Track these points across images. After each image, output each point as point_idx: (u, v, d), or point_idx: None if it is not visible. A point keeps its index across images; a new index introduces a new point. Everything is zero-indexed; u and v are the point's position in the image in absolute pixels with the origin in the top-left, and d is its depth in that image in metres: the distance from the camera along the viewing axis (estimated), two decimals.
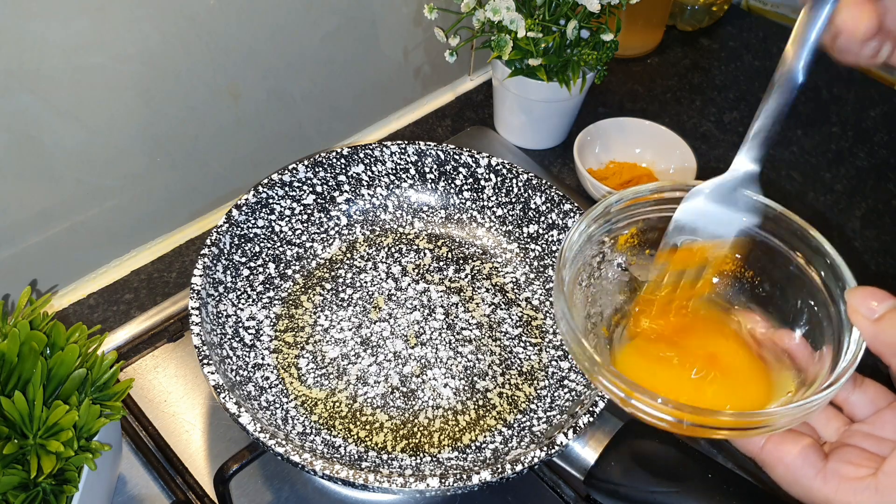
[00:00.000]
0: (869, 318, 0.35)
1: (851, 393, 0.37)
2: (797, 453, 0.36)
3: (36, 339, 0.41)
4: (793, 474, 0.36)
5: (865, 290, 0.36)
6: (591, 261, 0.44)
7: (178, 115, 0.61)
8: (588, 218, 0.42)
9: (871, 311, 0.35)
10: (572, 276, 0.42)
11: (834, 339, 0.38)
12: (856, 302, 0.36)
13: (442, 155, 0.62)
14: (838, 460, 0.35)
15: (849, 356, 0.36)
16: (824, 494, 0.34)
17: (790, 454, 0.36)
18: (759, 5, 0.99)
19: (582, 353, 0.38)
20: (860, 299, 0.36)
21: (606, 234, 0.44)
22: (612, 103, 0.84)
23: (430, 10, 0.66)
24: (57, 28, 0.50)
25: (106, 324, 0.61)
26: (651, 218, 0.44)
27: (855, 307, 0.36)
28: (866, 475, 0.34)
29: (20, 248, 0.58)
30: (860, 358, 0.36)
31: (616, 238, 0.45)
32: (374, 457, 0.50)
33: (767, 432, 0.35)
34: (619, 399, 0.36)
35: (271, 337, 0.55)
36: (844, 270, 0.39)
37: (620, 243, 0.45)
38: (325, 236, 0.61)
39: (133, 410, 0.54)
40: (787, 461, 0.36)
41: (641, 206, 0.44)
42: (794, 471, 0.35)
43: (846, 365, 0.36)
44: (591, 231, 0.43)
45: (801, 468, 0.35)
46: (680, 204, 0.42)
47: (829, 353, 0.38)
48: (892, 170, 0.78)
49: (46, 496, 0.39)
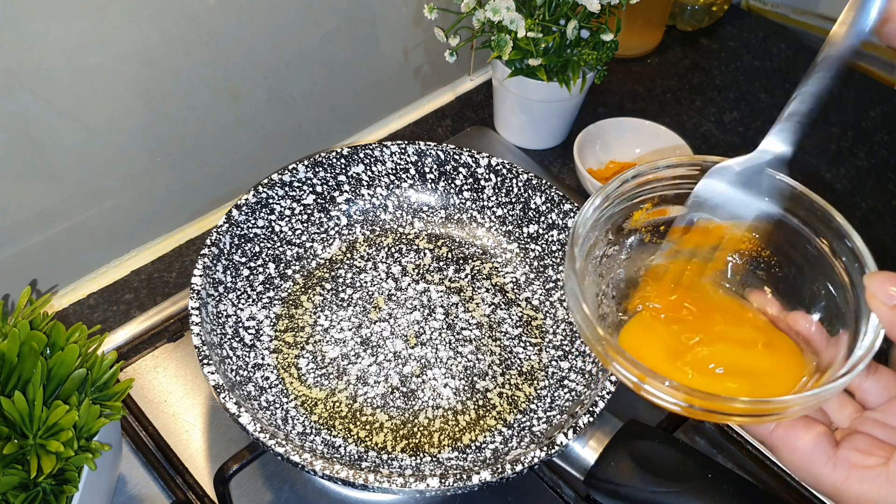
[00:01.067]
0: (888, 303, 0.34)
1: (865, 379, 0.37)
2: (808, 440, 0.35)
3: (36, 339, 0.41)
4: (802, 461, 0.35)
5: (885, 275, 0.35)
6: (604, 237, 0.43)
7: (178, 115, 0.61)
8: (603, 193, 0.41)
9: (890, 296, 0.34)
10: (584, 253, 0.41)
11: (851, 325, 0.37)
12: (875, 286, 0.35)
13: (442, 155, 0.62)
14: (849, 448, 0.35)
15: (866, 343, 0.35)
16: (832, 482, 0.34)
17: (801, 440, 0.35)
18: (759, 5, 0.99)
19: (592, 334, 0.37)
20: (879, 284, 0.35)
21: (621, 210, 0.43)
22: (612, 103, 0.84)
23: (430, 10, 0.66)
24: (57, 28, 0.50)
25: (106, 324, 0.61)
26: (667, 194, 0.43)
27: (874, 292, 0.35)
28: (876, 464, 0.33)
29: (20, 248, 0.58)
30: (878, 345, 0.35)
31: (631, 214, 0.43)
32: (374, 457, 0.50)
33: (780, 419, 0.35)
34: (631, 383, 0.36)
35: (271, 337, 0.55)
36: (866, 254, 0.37)
37: (635, 219, 0.44)
38: (325, 236, 0.61)
39: (133, 410, 0.54)
40: (797, 448, 0.35)
41: (658, 182, 0.43)
42: (804, 457, 0.35)
43: (863, 353, 0.35)
44: (606, 207, 0.42)
45: (812, 455, 0.35)
46: (701, 179, 0.40)
47: (845, 338, 0.37)
48: (892, 170, 0.78)
49: (46, 496, 0.39)
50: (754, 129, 0.81)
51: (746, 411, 0.34)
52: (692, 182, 0.42)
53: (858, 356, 0.35)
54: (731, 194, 0.41)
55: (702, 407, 0.34)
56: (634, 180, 0.42)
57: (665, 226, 0.44)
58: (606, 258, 0.44)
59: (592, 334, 0.37)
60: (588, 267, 0.42)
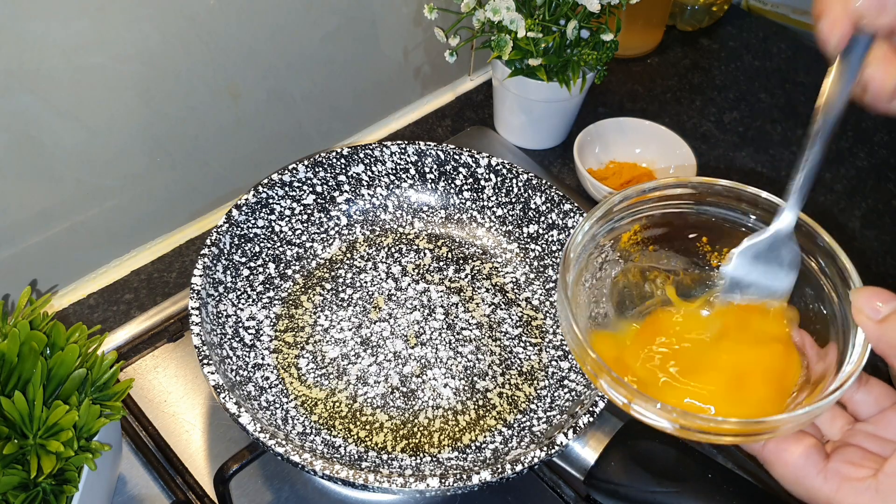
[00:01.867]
0: (873, 318, 0.35)
1: (856, 392, 0.37)
2: (799, 453, 0.35)
3: (36, 339, 0.41)
4: (794, 473, 0.35)
5: (870, 291, 0.36)
6: (594, 261, 0.44)
7: (178, 115, 0.61)
8: (591, 219, 0.42)
9: (876, 311, 0.35)
10: (575, 277, 0.42)
11: (839, 339, 0.38)
12: (860, 302, 0.36)
13: (442, 155, 0.62)
14: (840, 460, 0.35)
15: (854, 358, 0.36)
16: (825, 494, 0.34)
17: (792, 454, 0.36)
18: (759, 5, 0.99)
19: (585, 356, 0.37)
20: (865, 299, 0.35)
21: (609, 232, 0.44)
22: (612, 103, 0.84)
23: (430, 10, 0.66)
24: (57, 28, 0.50)
25: (106, 324, 0.61)
26: (654, 215, 0.44)
27: (859, 307, 0.36)
28: (867, 476, 0.34)
29: (20, 248, 0.58)
30: (866, 360, 0.35)
31: (619, 237, 0.45)
32: (374, 457, 0.50)
33: (773, 437, 0.35)
34: (620, 404, 0.36)
35: (271, 337, 0.55)
36: (851, 271, 0.38)
37: (623, 241, 0.45)
38: (325, 236, 0.61)
39: (133, 410, 0.54)
40: (789, 460, 0.36)
41: (644, 203, 0.44)
42: (796, 470, 0.35)
43: (851, 368, 0.35)
44: (594, 231, 0.43)
45: (803, 468, 0.35)
46: (731, 260, 0.41)
47: (834, 352, 0.38)
48: (892, 170, 0.78)
49: (46, 496, 0.39)
50: (754, 129, 0.81)
51: (739, 431, 0.35)
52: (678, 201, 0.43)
53: (847, 371, 0.36)
54: (760, 271, 0.41)
55: (693, 428, 0.35)
56: (621, 203, 0.43)
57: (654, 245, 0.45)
58: (598, 281, 0.45)
59: (587, 357, 0.38)
60: (579, 291, 0.43)
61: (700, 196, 0.44)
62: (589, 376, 0.38)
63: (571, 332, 0.38)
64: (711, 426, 0.35)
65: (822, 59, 0.39)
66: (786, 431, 0.35)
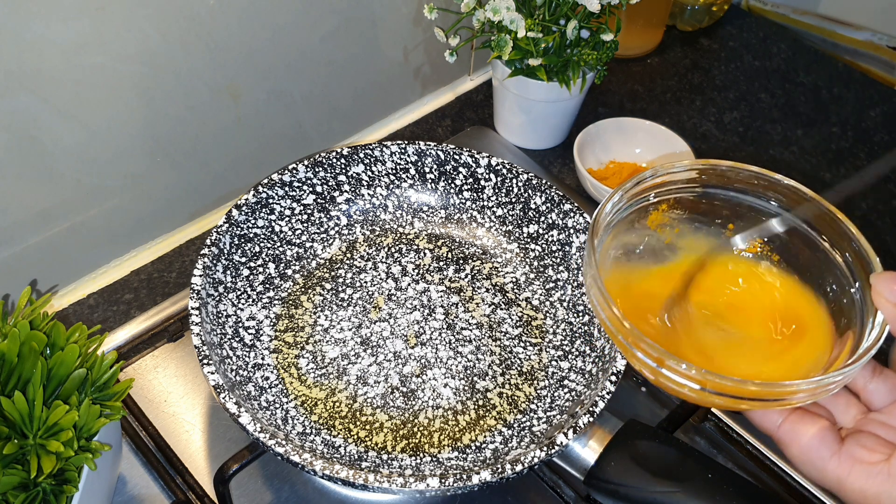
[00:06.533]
0: (893, 301, 0.36)
1: (870, 381, 0.38)
2: (814, 433, 0.36)
3: (36, 339, 0.41)
4: (808, 454, 0.36)
5: (891, 275, 0.37)
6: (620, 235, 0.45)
7: (178, 115, 0.61)
8: (621, 190, 0.44)
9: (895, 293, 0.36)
10: (604, 246, 0.43)
11: (857, 323, 0.39)
12: (881, 285, 0.37)
13: (442, 155, 0.62)
14: (854, 444, 0.36)
15: (871, 338, 0.37)
16: (837, 475, 0.35)
17: (807, 434, 0.36)
18: (759, 5, 0.99)
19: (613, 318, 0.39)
20: (885, 283, 0.36)
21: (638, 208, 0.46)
22: (612, 103, 0.84)
23: (430, 10, 0.66)
24: (57, 28, 0.50)
25: (106, 324, 0.61)
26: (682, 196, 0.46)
27: (879, 290, 0.36)
28: (879, 460, 0.34)
29: (20, 248, 0.58)
30: (882, 341, 0.36)
31: (648, 212, 0.46)
32: (374, 457, 0.50)
33: (787, 405, 0.36)
34: (649, 369, 0.38)
35: (271, 337, 0.55)
36: (871, 254, 0.39)
37: (651, 218, 0.46)
38: (325, 236, 0.61)
39: (133, 410, 0.54)
40: (803, 441, 0.36)
41: (675, 183, 0.45)
42: (810, 451, 0.36)
43: (868, 345, 0.36)
44: (624, 204, 0.44)
45: (817, 448, 0.36)
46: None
47: (851, 336, 0.39)
48: (893, 170, 0.78)
49: (46, 496, 0.39)
50: (754, 129, 0.81)
51: (756, 394, 0.35)
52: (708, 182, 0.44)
53: (864, 348, 0.37)
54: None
55: (714, 390, 0.36)
56: (652, 180, 0.45)
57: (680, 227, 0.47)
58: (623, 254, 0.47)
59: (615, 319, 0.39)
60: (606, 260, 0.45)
61: (727, 181, 0.45)
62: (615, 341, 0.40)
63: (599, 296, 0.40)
64: (731, 388, 0.36)
65: (822, 59, 0.39)
66: (801, 399, 0.36)
